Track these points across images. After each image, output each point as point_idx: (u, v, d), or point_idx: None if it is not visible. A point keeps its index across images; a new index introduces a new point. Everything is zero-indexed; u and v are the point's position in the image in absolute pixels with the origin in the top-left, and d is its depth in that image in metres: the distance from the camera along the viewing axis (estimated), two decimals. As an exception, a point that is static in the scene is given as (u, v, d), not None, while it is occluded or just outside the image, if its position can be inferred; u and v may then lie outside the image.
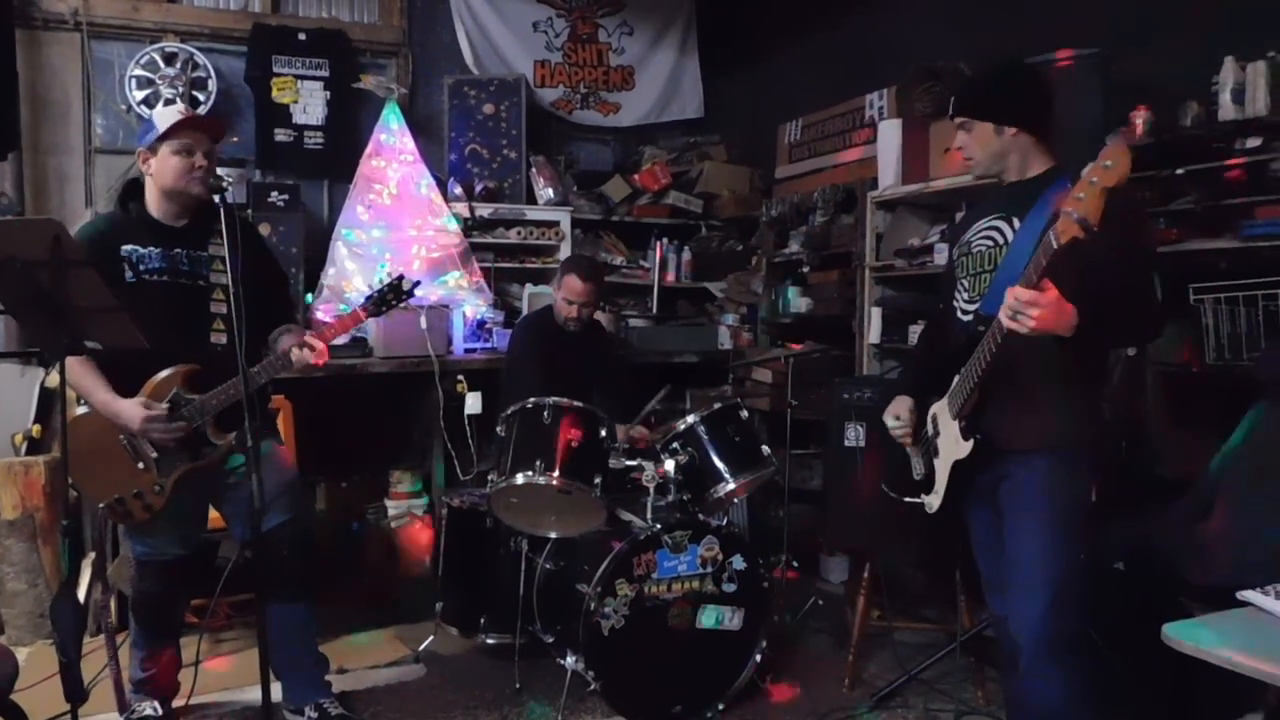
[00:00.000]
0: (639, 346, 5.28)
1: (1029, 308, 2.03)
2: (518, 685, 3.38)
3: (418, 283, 3.09)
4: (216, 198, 2.51)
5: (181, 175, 2.81)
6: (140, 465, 2.82)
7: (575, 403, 3.30)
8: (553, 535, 3.45)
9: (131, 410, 2.74)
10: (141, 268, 2.82)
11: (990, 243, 2.44)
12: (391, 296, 3.02)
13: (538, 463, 3.20)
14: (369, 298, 3.03)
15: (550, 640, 3.40)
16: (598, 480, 3.22)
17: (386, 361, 4.51)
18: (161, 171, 2.82)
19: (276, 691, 2.93)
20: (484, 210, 5.18)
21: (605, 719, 3.19)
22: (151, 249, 2.84)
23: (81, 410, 2.84)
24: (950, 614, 3.55)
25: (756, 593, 3.27)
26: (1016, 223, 2.37)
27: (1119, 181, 1.90)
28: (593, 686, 3.11)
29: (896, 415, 2.63)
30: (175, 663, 3.12)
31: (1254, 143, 3.12)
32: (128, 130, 4.73)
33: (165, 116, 2.82)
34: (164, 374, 2.79)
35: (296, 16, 5.16)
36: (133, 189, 2.92)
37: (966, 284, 2.49)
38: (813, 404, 4.31)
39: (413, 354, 4.53)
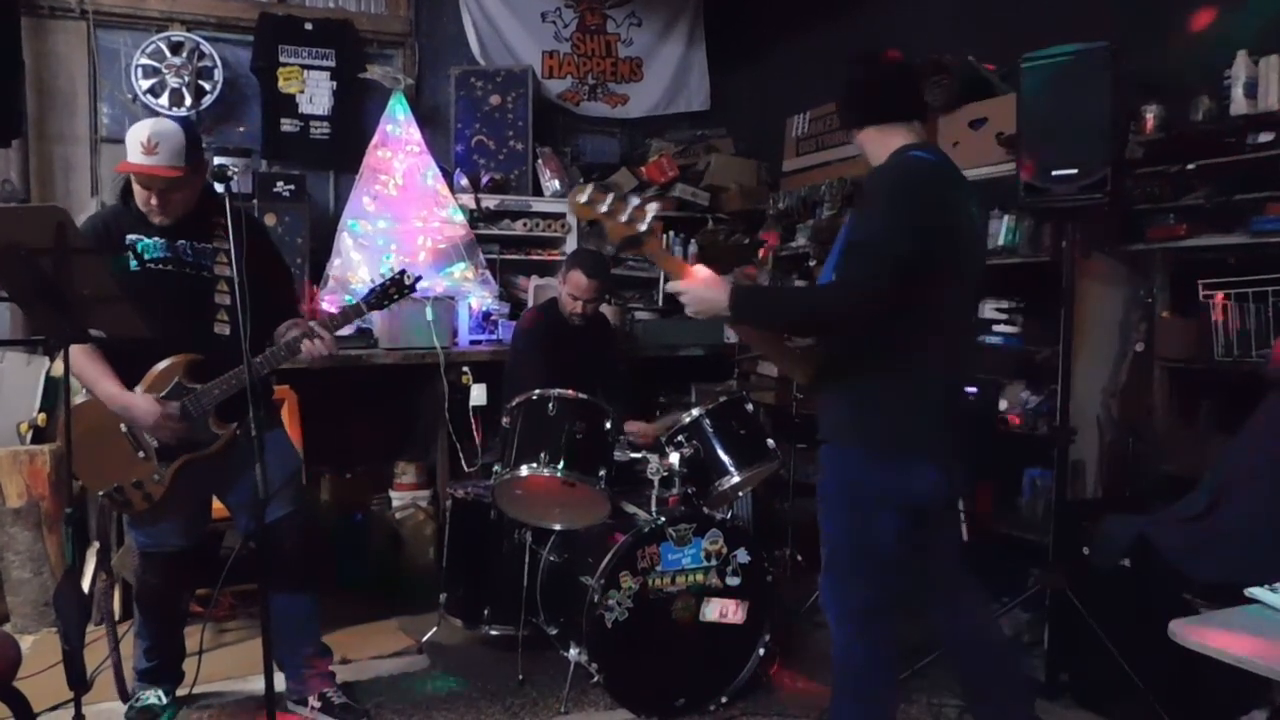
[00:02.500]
0: (644, 340, 5.27)
1: (680, 297, 2.33)
2: (520, 677, 3.38)
3: (419, 277, 3.09)
4: (220, 187, 2.50)
5: (143, 205, 2.82)
6: (140, 454, 2.82)
7: (580, 395, 3.30)
8: (557, 527, 3.44)
9: (145, 406, 2.74)
10: (146, 256, 2.82)
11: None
12: (393, 290, 3.02)
13: (542, 455, 3.19)
14: (371, 291, 3.03)
15: (554, 632, 3.40)
16: (602, 473, 3.22)
17: (391, 353, 4.50)
18: (135, 189, 2.84)
19: (280, 681, 2.93)
20: (490, 202, 5.17)
21: (608, 712, 3.18)
22: (156, 239, 2.83)
23: (82, 398, 2.84)
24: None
25: (760, 586, 3.26)
26: None
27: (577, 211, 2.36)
28: (596, 679, 3.11)
29: None
30: (179, 652, 3.13)
31: (1266, 137, 3.09)
32: (134, 119, 4.70)
33: (129, 141, 2.76)
34: (165, 364, 2.79)
35: (303, 6, 5.14)
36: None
37: None
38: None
39: (418, 346, 4.52)
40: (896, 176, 2.33)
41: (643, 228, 2.35)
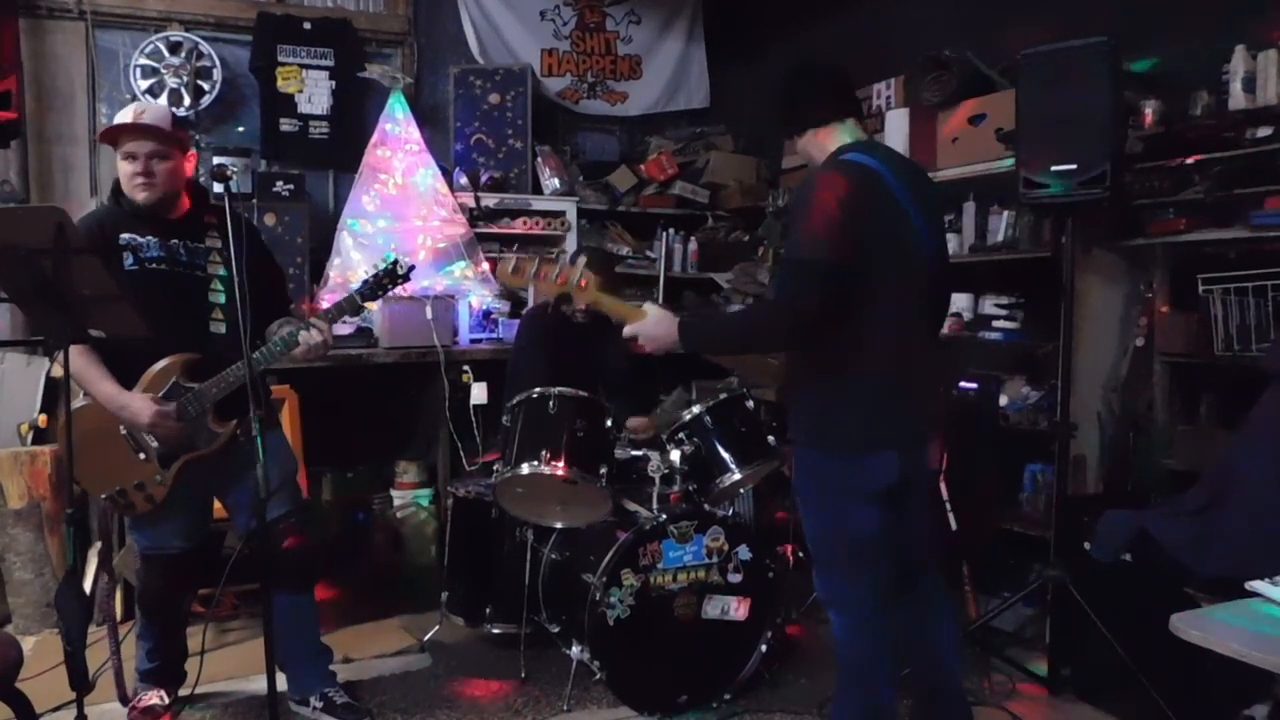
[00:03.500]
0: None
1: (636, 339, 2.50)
2: (523, 675, 3.38)
3: (413, 266, 3.08)
4: (219, 187, 2.50)
5: (127, 181, 2.80)
6: (141, 456, 2.82)
7: (581, 393, 3.30)
8: (558, 525, 3.44)
9: (141, 405, 2.74)
10: (141, 255, 2.81)
11: None
12: (387, 280, 3.01)
13: (543, 453, 3.20)
14: (365, 283, 3.02)
15: (556, 630, 3.40)
16: (603, 470, 3.22)
17: (391, 352, 4.50)
18: (119, 175, 2.83)
19: (281, 682, 2.93)
20: (490, 200, 5.17)
21: (611, 709, 3.19)
22: (150, 238, 2.83)
23: (81, 401, 2.83)
24: (957, 605, 3.54)
25: (762, 583, 3.26)
26: None
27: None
28: (598, 676, 3.11)
29: None
30: (181, 653, 3.13)
31: (1264, 132, 3.10)
32: (133, 120, 4.72)
33: (117, 118, 2.81)
34: (163, 363, 2.79)
35: (301, 5, 5.14)
36: None
37: None
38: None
39: (418, 344, 4.52)
40: (817, 188, 2.35)
41: (574, 280, 2.49)
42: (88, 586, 3.35)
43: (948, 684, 2.64)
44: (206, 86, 4.77)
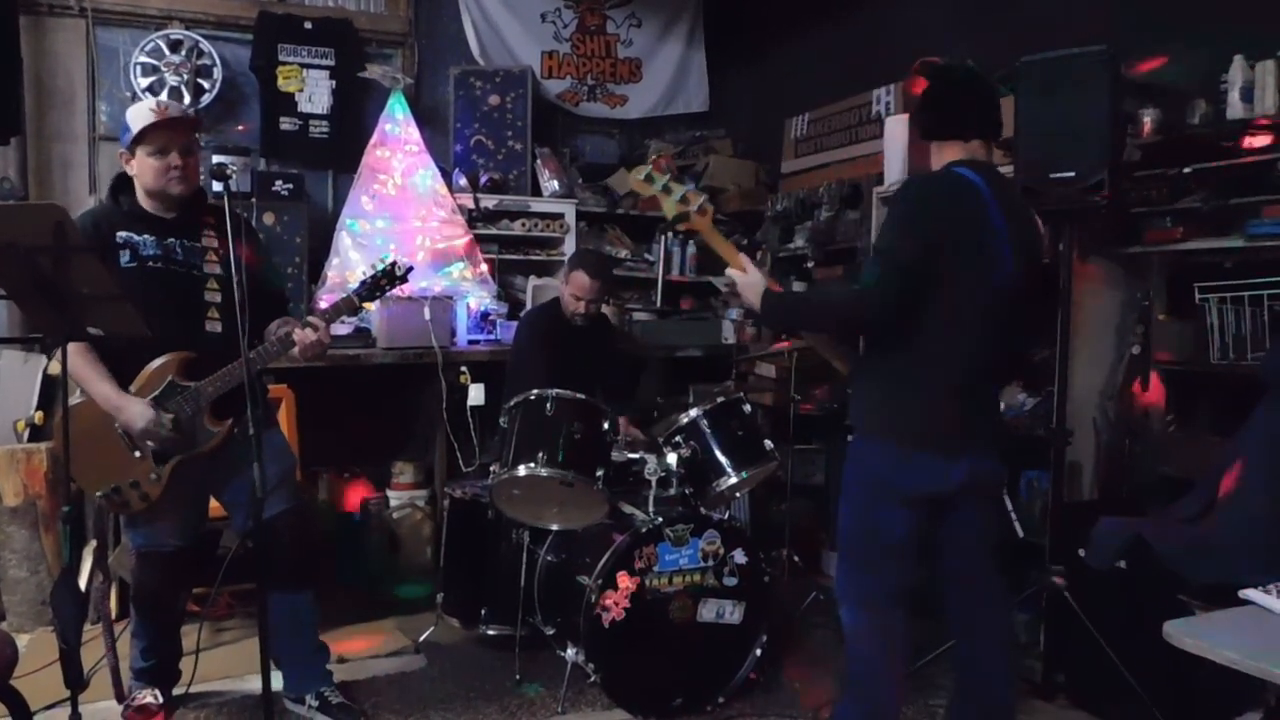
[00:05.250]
0: (643, 340, 5.27)
1: (734, 282, 2.57)
2: (518, 677, 3.38)
3: (411, 267, 3.09)
4: (219, 185, 2.50)
5: (159, 177, 2.80)
6: (137, 454, 2.81)
7: (578, 395, 3.30)
8: (554, 527, 3.44)
9: (136, 411, 2.73)
10: (138, 253, 2.81)
11: None
12: (385, 281, 3.02)
13: (540, 455, 3.20)
14: (362, 284, 3.03)
15: (551, 632, 3.41)
16: (600, 473, 3.22)
17: (389, 352, 4.50)
18: (141, 173, 2.83)
19: (277, 680, 2.93)
20: (489, 202, 5.17)
21: (605, 712, 3.19)
22: (146, 237, 2.83)
23: (78, 398, 2.83)
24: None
25: (758, 587, 3.27)
26: None
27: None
28: (593, 679, 3.12)
29: None
30: (176, 652, 3.13)
31: (1262, 141, 3.10)
32: (133, 118, 4.72)
33: (137, 116, 2.81)
34: (159, 361, 2.79)
35: (302, 5, 5.14)
36: (123, 182, 2.91)
37: None
38: (815, 399, 4.31)
39: (416, 345, 4.52)
40: (911, 190, 2.47)
41: (696, 206, 2.61)
42: (83, 584, 3.35)
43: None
44: (206, 85, 4.77)
